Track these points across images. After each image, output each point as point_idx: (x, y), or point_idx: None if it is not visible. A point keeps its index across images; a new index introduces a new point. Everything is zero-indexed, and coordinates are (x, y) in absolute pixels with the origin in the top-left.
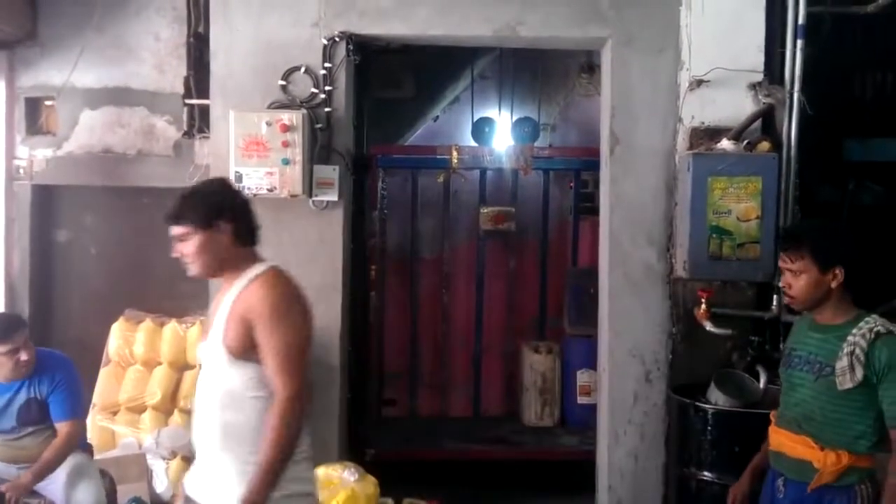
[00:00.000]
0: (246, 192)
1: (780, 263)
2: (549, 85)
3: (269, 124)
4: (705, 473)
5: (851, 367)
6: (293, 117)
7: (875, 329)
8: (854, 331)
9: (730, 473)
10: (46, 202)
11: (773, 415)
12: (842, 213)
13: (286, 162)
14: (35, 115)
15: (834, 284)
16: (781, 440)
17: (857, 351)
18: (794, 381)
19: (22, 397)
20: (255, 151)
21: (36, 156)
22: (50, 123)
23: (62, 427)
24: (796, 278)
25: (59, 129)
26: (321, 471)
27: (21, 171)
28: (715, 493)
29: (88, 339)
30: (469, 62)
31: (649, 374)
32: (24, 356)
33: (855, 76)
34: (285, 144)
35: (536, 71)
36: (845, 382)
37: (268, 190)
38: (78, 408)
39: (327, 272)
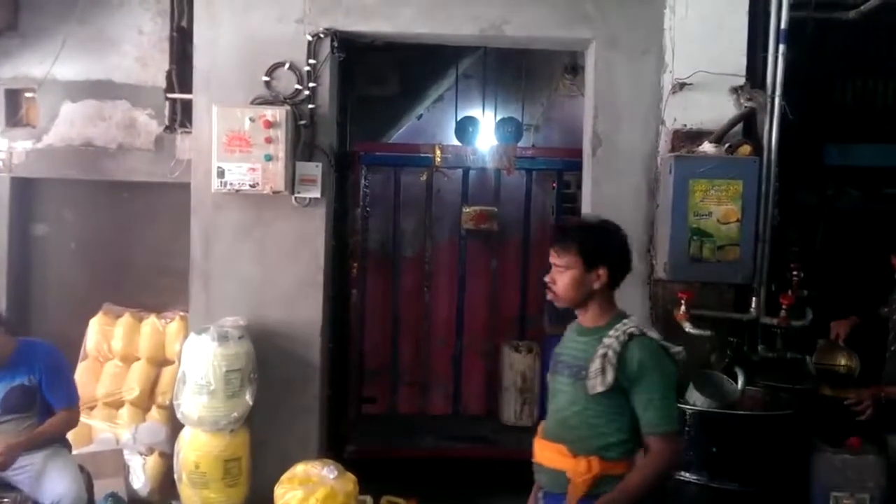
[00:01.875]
0: (228, 187)
1: (550, 258)
2: (533, 85)
3: (252, 120)
4: (683, 473)
5: (602, 370)
6: (276, 113)
7: (629, 331)
8: (611, 332)
9: (707, 473)
10: (25, 195)
11: (540, 425)
12: (821, 218)
13: (269, 158)
14: (15, 106)
15: (597, 285)
16: (540, 450)
17: (610, 353)
18: (557, 386)
19: (5, 385)
20: (237, 147)
21: (15, 148)
22: (30, 115)
23: (63, 415)
24: (561, 274)
25: (40, 122)
26: (300, 467)
27: (0, 163)
28: (692, 494)
29: (66, 333)
30: (453, 61)
31: None
32: None
33: (836, 82)
34: (268, 140)
35: (520, 71)
36: (596, 386)
37: (250, 186)
38: (74, 394)
39: (309, 269)
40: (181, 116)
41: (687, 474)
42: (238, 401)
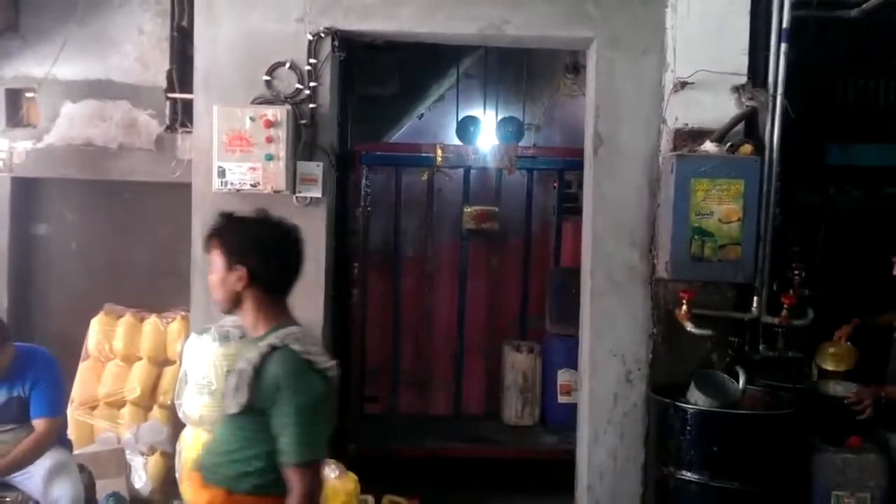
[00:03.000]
0: (229, 187)
1: None
2: (534, 85)
3: (252, 119)
4: (684, 473)
5: (237, 388)
6: (277, 113)
7: (273, 342)
8: (260, 344)
9: (707, 472)
10: (26, 195)
11: None
12: (822, 217)
13: (269, 157)
14: (16, 107)
15: (239, 286)
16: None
17: (248, 369)
18: None
19: (2, 395)
20: (238, 146)
21: (16, 148)
22: (31, 116)
23: (39, 424)
24: (210, 273)
25: (40, 122)
26: None
27: (1, 163)
28: (693, 493)
29: (68, 333)
30: (455, 60)
31: (629, 374)
32: None
33: (838, 81)
34: (269, 140)
35: (521, 71)
36: (230, 406)
37: (251, 185)
38: (58, 405)
39: (310, 269)
40: (182, 116)
41: (688, 473)
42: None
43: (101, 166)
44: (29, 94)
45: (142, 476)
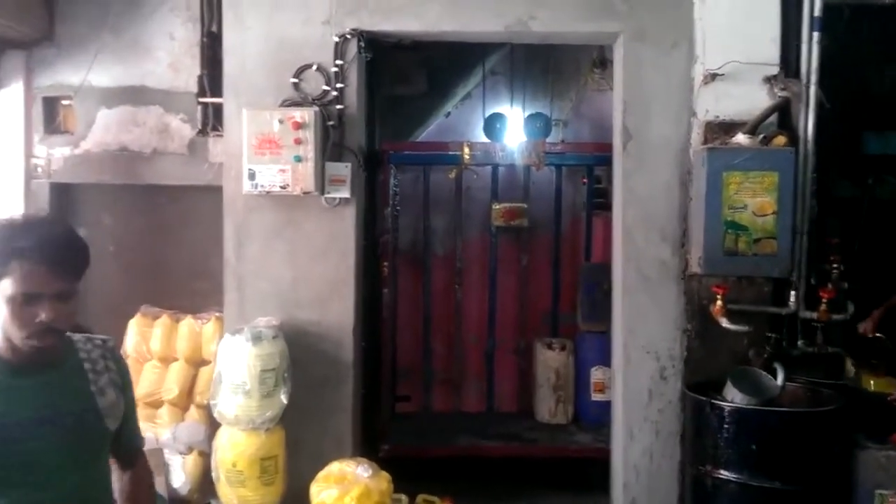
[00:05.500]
0: (259, 189)
1: None
2: (562, 80)
3: (281, 122)
4: (721, 472)
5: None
6: (305, 115)
7: None
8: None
9: (746, 471)
10: (64, 200)
11: None
12: (861, 208)
13: (298, 159)
14: (52, 114)
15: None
16: None
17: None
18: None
19: None
20: (267, 149)
21: (53, 154)
22: (67, 122)
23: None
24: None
25: (76, 128)
26: (335, 466)
27: (39, 169)
28: (731, 492)
29: (106, 334)
30: (481, 58)
31: (664, 371)
32: None
33: (873, 69)
34: (297, 142)
35: (548, 66)
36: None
37: (280, 187)
38: None
39: (340, 268)
40: (213, 120)
41: (726, 472)
42: (273, 400)
43: (135, 171)
44: (65, 102)
45: (180, 475)
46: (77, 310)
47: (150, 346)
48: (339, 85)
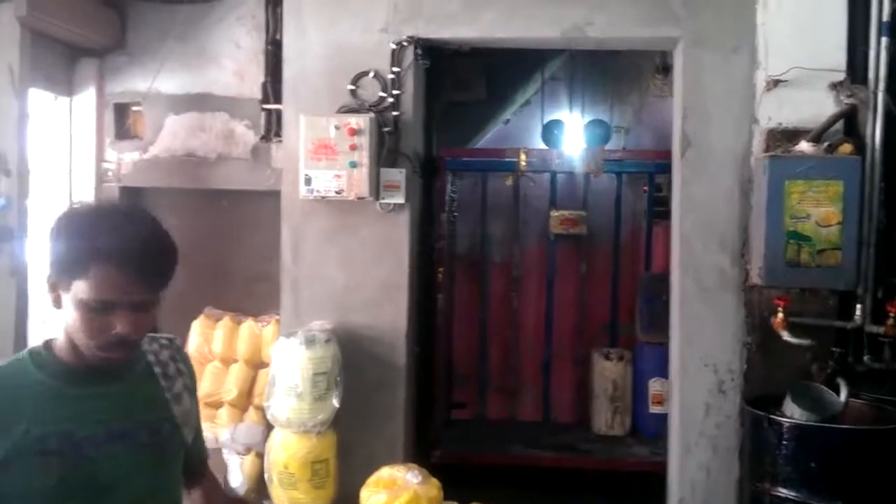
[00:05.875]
0: (315, 194)
1: None
2: (622, 86)
3: (337, 128)
4: (780, 490)
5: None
6: (360, 121)
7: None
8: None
9: (806, 490)
10: (133, 203)
11: None
12: None
13: (353, 165)
14: (123, 120)
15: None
16: None
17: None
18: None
19: None
20: (323, 154)
21: (123, 159)
22: (137, 128)
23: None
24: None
25: (146, 134)
26: (385, 471)
27: (110, 173)
28: None
29: (170, 333)
30: (540, 64)
31: (722, 384)
32: None
33: None
34: (353, 148)
35: (608, 72)
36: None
37: (336, 192)
38: None
39: (393, 273)
40: (276, 126)
41: (784, 490)
42: (324, 403)
43: (201, 175)
44: (135, 108)
45: (238, 475)
46: (157, 320)
47: (211, 347)
48: (395, 91)
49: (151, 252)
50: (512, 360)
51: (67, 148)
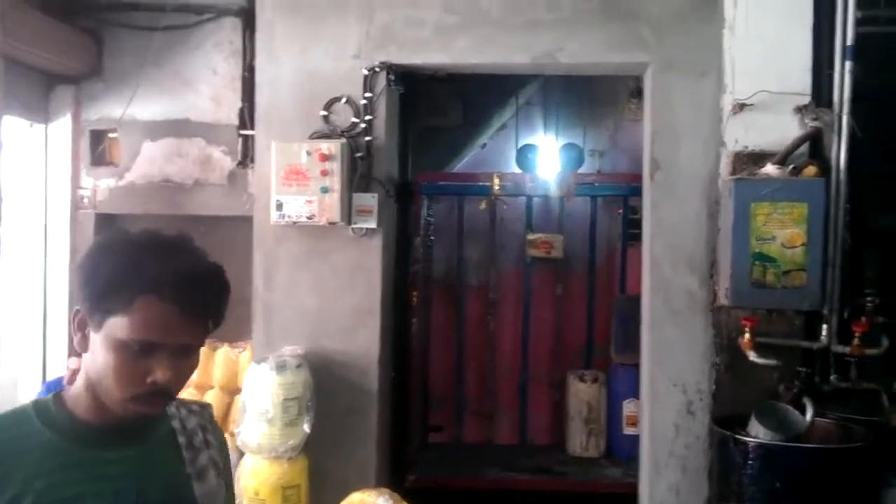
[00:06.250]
0: (286, 219)
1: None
2: (598, 110)
3: (308, 153)
4: None
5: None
6: (332, 147)
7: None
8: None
9: None
10: (109, 230)
11: None
12: None
13: (325, 190)
14: (99, 146)
15: None
16: None
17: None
18: None
19: None
20: (294, 180)
21: (99, 185)
22: (113, 154)
23: None
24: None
25: (122, 160)
26: (356, 496)
27: (85, 200)
28: None
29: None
30: (516, 89)
31: (691, 404)
32: None
33: None
34: (324, 173)
35: (583, 97)
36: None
37: (307, 217)
38: None
39: (366, 297)
40: (252, 152)
41: None
42: (295, 429)
43: (178, 201)
44: (111, 135)
45: None
46: (196, 369)
47: None
48: (367, 117)
49: (207, 286)
50: (489, 383)
51: (43, 175)
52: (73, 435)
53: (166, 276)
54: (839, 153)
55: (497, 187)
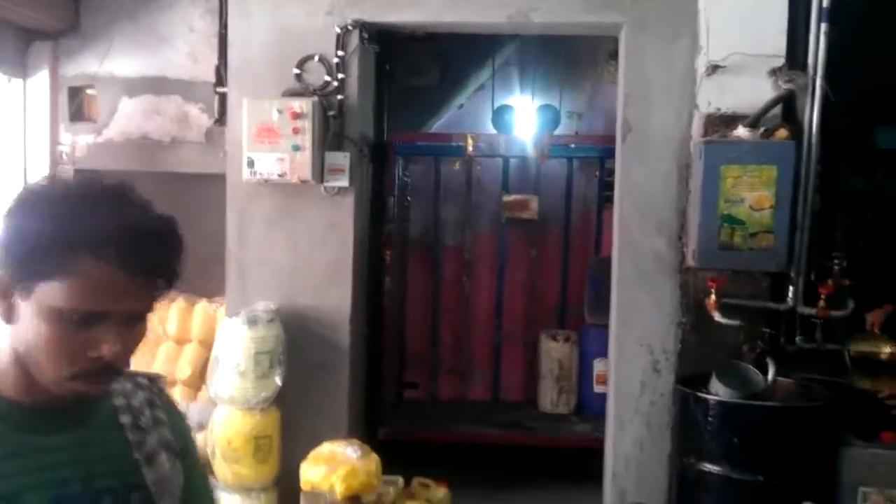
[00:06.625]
0: (258, 177)
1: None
2: (576, 72)
3: (279, 111)
4: (705, 464)
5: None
6: (303, 105)
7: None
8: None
9: (729, 464)
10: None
11: None
12: (870, 203)
13: (296, 148)
14: (77, 103)
15: None
16: None
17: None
18: None
19: None
20: (266, 137)
21: (78, 142)
22: (91, 111)
23: None
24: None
25: (100, 117)
26: (326, 446)
27: (64, 156)
28: (713, 484)
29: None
30: (495, 49)
31: (657, 363)
32: None
33: (891, 60)
34: (296, 131)
35: (561, 58)
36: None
37: (279, 175)
38: None
39: (338, 255)
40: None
41: (708, 465)
42: (267, 381)
43: (156, 158)
44: (89, 91)
45: None
46: (144, 336)
47: (166, 328)
48: (340, 76)
49: (155, 242)
50: (463, 341)
51: (21, 130)
52: (5, 419)
53: (107, 233)
54: (811, 116)
55: (471, 148)
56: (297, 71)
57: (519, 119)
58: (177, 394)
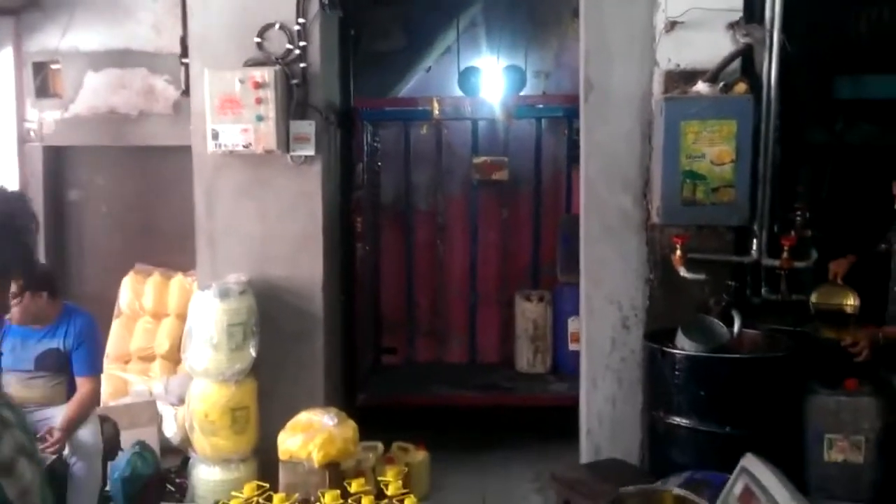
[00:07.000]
0: (223, 148)
1: None
2: (541, 31)
3: (241, 82)
4: (674, 418)
5: None
6: (265, 74)
7: None
8: None
9: (696, 417)
10: (57, 163)
11: None
12: (831, 154)
13: (260, 118)
14: (43, 78)
15: None
16: None
17: None
18: None
19: (43, 345)
20: (229, 108)
21: (45, 118)
22: (56, 86)
23: (85, 382)
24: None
25: (65, 92)
26: (303, 415)
27: (32, 133)
28: (682, 437)
29: (101, 292)
30: (459, 11)
31: (626, 320)
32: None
33: (849, 12)
34: (258, 101)
35: (526, 17)
36: None
37: (244, 146)
38: (99, 364)
39: (308, 224)
40: None
41: (677, 418)
42: (242, 353)
43: (124, 132)
44: (54, 66)
45: (172, 426)
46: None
47: (142, 302)
48: (302, 43)
49: None
50: (439, 305)
51: None
52: None
53: None
54: (770, 70)
55: (437, 112)
56: (258, 40)
57: (485, 80)
58: (156, 368)
